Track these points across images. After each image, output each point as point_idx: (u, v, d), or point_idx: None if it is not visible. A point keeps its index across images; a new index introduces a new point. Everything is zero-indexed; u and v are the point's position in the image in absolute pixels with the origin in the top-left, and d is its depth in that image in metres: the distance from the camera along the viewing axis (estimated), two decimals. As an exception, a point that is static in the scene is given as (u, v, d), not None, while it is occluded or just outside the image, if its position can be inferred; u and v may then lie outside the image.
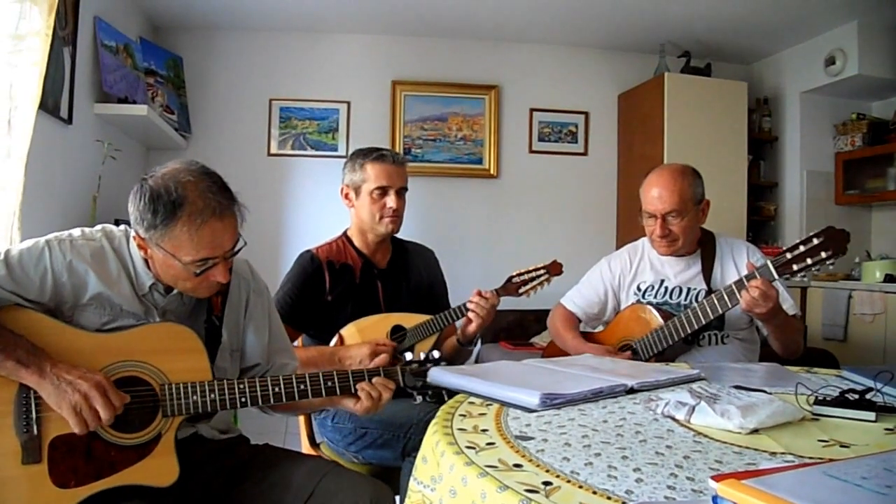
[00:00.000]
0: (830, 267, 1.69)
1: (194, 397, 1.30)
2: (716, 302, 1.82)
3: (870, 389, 1.21)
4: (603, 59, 4.45)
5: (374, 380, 1.43)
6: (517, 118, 4.37)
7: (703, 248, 2.11)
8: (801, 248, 1.67)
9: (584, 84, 4.45)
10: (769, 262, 1.72)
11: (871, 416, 1.12)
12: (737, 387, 1.29)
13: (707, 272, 2.06)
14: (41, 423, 1.21)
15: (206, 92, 4.07)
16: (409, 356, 1.50)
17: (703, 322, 1.86)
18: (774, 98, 4.44)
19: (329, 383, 1.41)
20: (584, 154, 4.45)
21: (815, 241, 1.65)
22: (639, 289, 2.15)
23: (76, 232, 1.35)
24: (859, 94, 4.19)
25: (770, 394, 1.23)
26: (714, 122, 4.02)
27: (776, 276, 1.70)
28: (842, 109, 4.26)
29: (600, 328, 2.28)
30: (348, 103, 4.19)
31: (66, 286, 1.28)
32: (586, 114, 4.44)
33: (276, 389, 1.36)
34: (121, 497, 1.23)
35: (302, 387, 1.38)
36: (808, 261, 1.65)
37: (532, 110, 4.38)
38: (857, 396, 1.17)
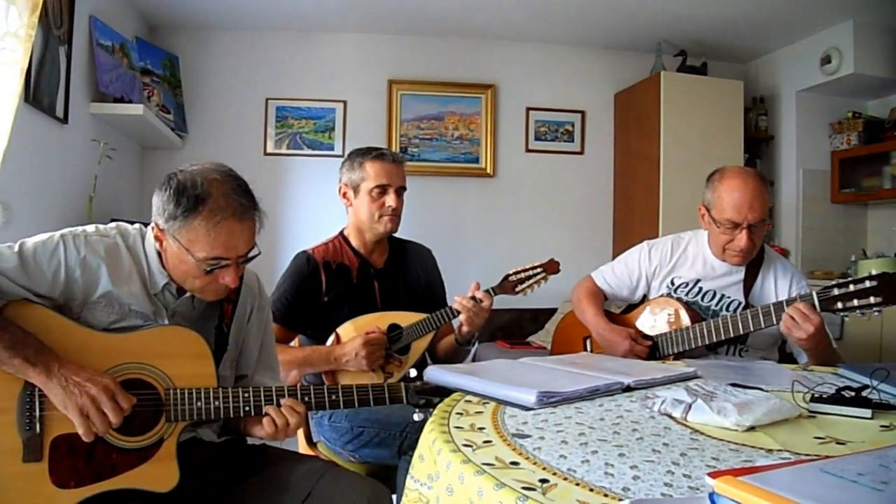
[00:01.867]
0: (876, 314, 1.58)
1: (198, 404, 1.30)
2: (749, 318, 1.78)
3: (866, 387, 1.22)
4: (599, 58, 4.45)
5: (283, 401, 1.37)
6: (513, 117, 4.37)
7: (751, 260, 2.03)
8: (851, 288, 1.60)
9: (581, 83, 4.45)
10: (815, 294, 1.67)
11: (867, 413, 1.13)
12: (733, 384, 1.29)
13: (748, 285, 2.01)
14: (44, 422, 1.21)
15: (203, 91, 4.06)
16: (413, 373, 1.49)
17: (732, 334, 1.81)
18: (770, 97, 4.45)
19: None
20: (581, 153, 4.45)
21: (868, 284, 1.58)
22: (672, 283, 2.10)
23: (90, 228, 1.36)
24: (855, 93, 4.20)
25: (767, 391, 1.23)
26: (710, 121, 4.03)
27: (818, 308, 1.65)
28: (837, 108, 4.27)
29: (618, 309, 2.26)
30: (344, 102, 4.19)
31: (79, 282, 1.28)
32: (583, 113, 4.44)
33: (281, 401, 1.36)
34: (119, 499, 1.23)
35: (306, 399, 1.39)
36: (856, 302, 1.58)
37: (528, 109, 4.38)
38: (853, 394, 1.17)
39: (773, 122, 4.43)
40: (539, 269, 2.02)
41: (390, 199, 2.05)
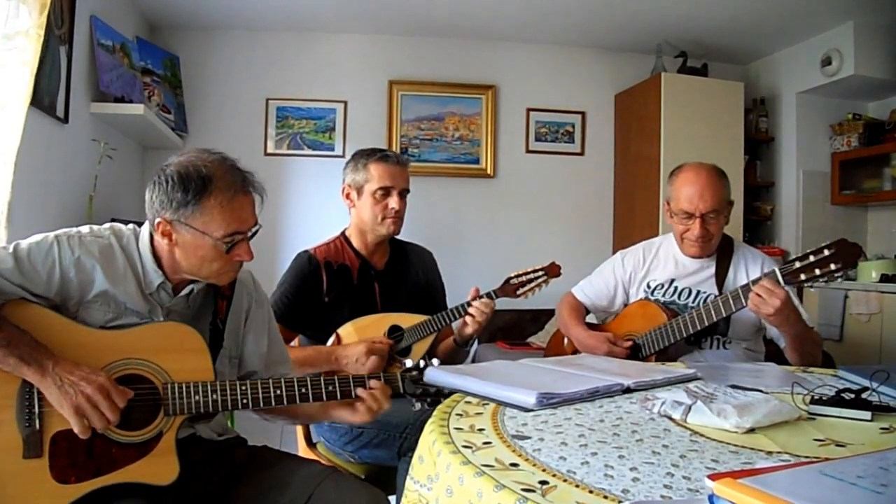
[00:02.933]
0: (839, 280, 1.65)
1: (196, 397, 1.30)
2: (720, 304, 1.82)
3: (865, 389, 1.21)
4: (599, 59, 4.45)
5: (372, 383, 1.42)
6: (514, 118, 4.37)
7: (721, 252, 2.09)
8: (811, 258, 1.64)
9: (581, 84, 4.45)
10: (777, 269, 1.71)
11: (867, 415, 1.13)
12: (733, 386, 1.29)
13: (720, 277, 2.05)
14: (43, 418, 1.21)
15: (203, 91, 4.06)
16: (409, 363, 1.49)
17: (707, 323, 1.85)
18: (771, 98, 4.45)
19: (330, 387, 1.40)
20: (581, 154, 4.45)
21: (826, 253, 1.63)
22: (648, 286, 2.15)
23: (84, 228, 1.36)
24: (855, 95, 4.20)
25: (766, 393, 1.23)
26: (711, 123, 4.03)
27: (782, 283, 1.69)
28: (838, 110, 4.27)
29: (609, 319, 2.29)
30: (345, 103, 4.19)
31: (73, 282, 1.29)
32: (583, 114, 4.45)
33: (278, 392, 1.36)
34: (119, 494, 1.23)
35: (303, 390, 1.38)
36: (817, 271, 1.63)
37: (529, 110, 4.38)
38: (852, 396, 1.17)
39: (773, 123, 4.43)
40: (541, 273, 2.02)
41: (393, 202, 2.05)
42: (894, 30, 3.80)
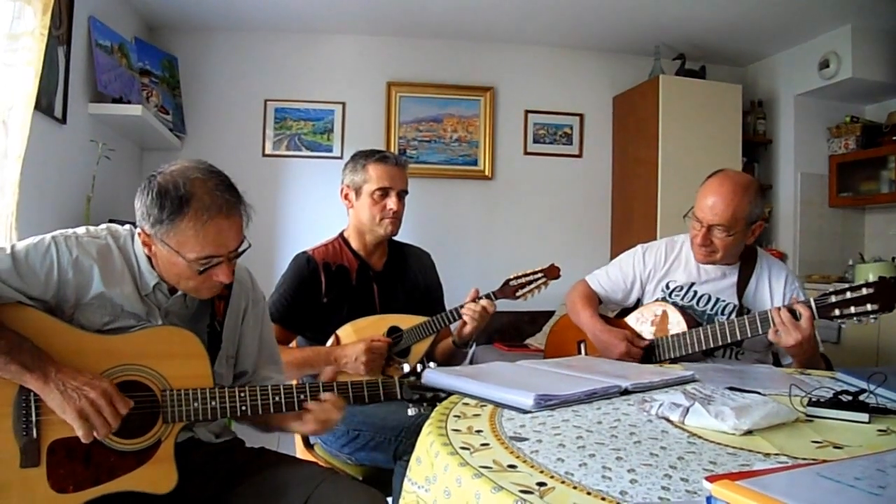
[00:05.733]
0: (873, 320, 1.61)
1: (195, 404, 1.29)
2: (747, 325, 1.78)
3: (863, 391, 1.21)
4: (598, 61, 4.46)
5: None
6: (512, 120, 4.38)
7: (744, 261, 2.04)
8: (849, 295, 1.62)
9: (579, 86, 4.45)
10: (812, 301, 1.68)
11: (865, 417, 1.13)
12: (731, 388, 1.29)
13: (741, 287, 2.01)
14: (41, 427, 1.20)
15: (201, 92, 4.06)
16: (406, 367, 1.49)
17: (730, 340, 1.82)
18: (769, 101, 4.45)
19: (301, 396, 1.39)
20: (579, 156, 4.45)
21: (865, 291, 1.60)
22: (667, 286, 2.09)
23: (81, 230, 1.35)
24: (853, 97, 4.21)
25: (764, 395, 1.23)
26: (709, 125, 4.03)
27: (817, 316, 1.67)
28: (835, 112, 4.27)
29: (611, 313, 2.25)
30: (343, 104, 4.19)
31: (71, 283, 1.27)
32: (581, 116, 4.45)
33: (276, 399, 1.36)
34: (118, 502, 1.23)
35: (302, 397, 1.38)
36: (853, 309, 1.61)
37: (527, 112, 4.39)
38: (850, 398, 1.17)
39: (771, 125, 4.44)
40: (540, 275, 2.01)
41: (391, 202, 2.05)
42: (892, 33, 3.82)
